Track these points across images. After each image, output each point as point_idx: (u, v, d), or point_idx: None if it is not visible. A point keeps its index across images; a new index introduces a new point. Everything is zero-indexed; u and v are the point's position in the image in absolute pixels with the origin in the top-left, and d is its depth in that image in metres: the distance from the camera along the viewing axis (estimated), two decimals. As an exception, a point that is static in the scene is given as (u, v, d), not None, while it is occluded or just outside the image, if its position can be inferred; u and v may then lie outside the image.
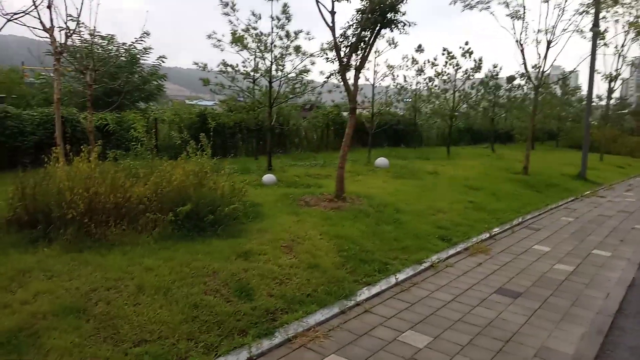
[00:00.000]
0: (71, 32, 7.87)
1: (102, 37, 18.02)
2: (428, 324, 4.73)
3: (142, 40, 20.39)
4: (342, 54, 8.33)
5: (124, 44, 20.35)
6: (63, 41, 7.98)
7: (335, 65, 8.51)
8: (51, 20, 7.15)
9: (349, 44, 8.28)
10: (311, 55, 12.83)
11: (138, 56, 20.23)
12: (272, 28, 12.31)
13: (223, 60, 13.20)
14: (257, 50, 13.07)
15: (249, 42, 12.73)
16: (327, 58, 9.02)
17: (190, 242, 5.93)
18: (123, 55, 19.98)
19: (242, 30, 12.24)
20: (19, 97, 19.55)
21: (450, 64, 19.88)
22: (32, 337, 3.57)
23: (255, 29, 12.34)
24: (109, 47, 19.51)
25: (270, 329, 4.24)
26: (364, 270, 5.84)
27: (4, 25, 5.44)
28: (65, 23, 7.80)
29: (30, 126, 12.11)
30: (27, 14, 6.55)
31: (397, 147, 22.04)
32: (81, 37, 12.60)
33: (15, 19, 5.76)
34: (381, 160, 15.02)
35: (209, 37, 12.50)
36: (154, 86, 20.98)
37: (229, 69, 13.45)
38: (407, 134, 23.45)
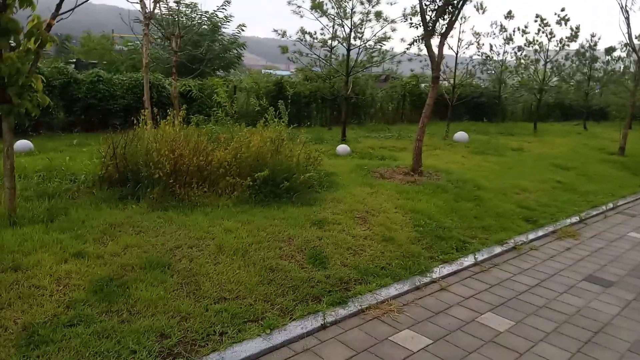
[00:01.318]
0: (159, -2, 8.11)
1: (186, 5, 18.53)
2: (509, 307, 4.48)
3: (223, 9, 20.78)
4: (427, 18, 7.90)
5: (206, 12, 20.85)
6: (151, 7, 8.26)
7: (418, 32, 8.15)
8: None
9: (436, 7, 7.82)
10: (392, 21, 12.35)
11: (219, 24, 20.69)
12: (353, -7, 11.95)
13: (301, 27, 13.09)
14: (336, 17, 12.83)
15: (328, 8, 12.50)
16: (411, 24, 8.64)
17: (266, 207, 6.03)
18: (205, 23, 20.53)
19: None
20: (109, 63, 20.84)
21: (543, 32, 18.38)
22: (121, 287, 3.79)
23: (336, -7, 12.05)
24: (192, 15, 20.08)
25: (344, 298, 4.21)
26: (440, 247, 5.63)
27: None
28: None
29: (120, 90, 12.82)
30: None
31: (478, 122, 20.97)
32: (167, 4, 13.00)
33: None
34: (460, 135, 14.39)
35: (289, 3, 12.39)
36: (234, 55, 21.43)
37: (307, 37, 13.34)
38: (489, 107, 22.21)
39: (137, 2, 7.52)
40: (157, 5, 8.29)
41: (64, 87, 11.80)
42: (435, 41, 8.19)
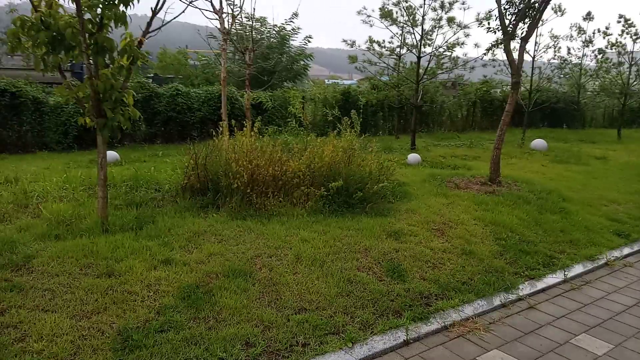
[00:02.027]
0: (236, 14, 8.41)
1: (256, 20, 19.14)
2: (606, 329, 4.12)
3: (290, 22, 21.26)
4: (506, 22, 7.58)
5: (274, 25, 21.42)
6: (228, 24, 8.56)
7: (494, 36, 7.83)
8: (220, 3, 7.71)
9: (516, 10, 7.49)
10: (466, 26, 12.02)
11: (287, 37, 21.16)
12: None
13: (370, 36, 13.08)
14: (406, 24, 12.69)
15: (398, 16, 12.40)
16: (489, 28, 8.31)
17: (340, 217, 6.01)
18: (274, 36, 21.08)
19: (393, 3, 11.92)
20: (184, 77, 21.88)
21: (627, 33, 17.12)
22: (207, 294, 3.90)
23: (406, 1, 11.92)
24: (262, 29, 20.71)
25: (425, 313, 4.06)
26: (525, 262, 5.32)
27: (184, 10, 6.00)
28: (230, 7, 8.37)
29: (197, 103, 13.43)
30: (201, -2, 7.13)
31: (556, 128, 19.88)
32: (241, 20, 13.49)
33: (192, 1, 6.29)
34: (538, 142, 13.67)
35: (359, 12, 12.42)
36: (301, 66, 21.80)
37: (375, 46, 13.30)
38: (567, 113, 20.99)
39: (215, 19, 7.83)
40: (234, 21, 8.58)
41: (146, 101, 12.55)
42: (514, 45, 7.84)
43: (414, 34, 12.61)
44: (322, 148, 6.81)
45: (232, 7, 9.49)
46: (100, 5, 4.64)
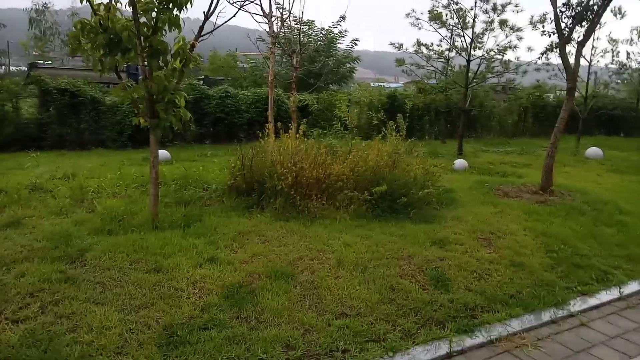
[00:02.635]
0: (285, 18, 8.51)
1: (304, 23, 19.30)
2: (668, 354, 3.85)
3: (338, 25, 21.29)
4: (562, 25, 7.27)
5: (322, 28, 21.53)
6: (277, 27, 8.68)
7: (549, 40, 7.52)
8: (270, 7, 7.82)
9: (573, 13, 7.17)
10: (518, 29, 11.63)
11: (334, 40, 21.21)
12: (476, 2, 11.49)
13: (418, 39, 12.90)
14: (456, 27, 12.43)
15: (448, 19, 12.17)
16: (543, 31, 8.00)
17: (383, 222, 5.94)
18: (321, 40, 21.19)
19: (443, 6, 11.71)
20: (233, 80, 22.36)
21: (697, 36, 16.05)
22: (249, 294, 3.94)
23: (456, 3, 11.68)
24: (309, 32, 20.85)
25: (470, 326, 3.93)
26: (578, 277, 5.05)
27: (235, 14, 6.12)
28: (280, 10, 8.48)
29: (245, 105, 13.69)
30: (252, 2, 7.28)
31: (613, 136, 18.87)
32: (289, 24, 13.64)
33: (243, 5, 6.43)
34: (593, 150, 13.03)
35: (407, 15, 12.28)
36: (347, 69, 21.80)
37: (423, 49, 13.10)
38: (625, 121, 19.90)
39: (264, 23, 7.96)
40: (282, 25, 8.68)
41: (196, 102, 12.91)
42: (570, 49, 7.51)
43: (463, 36, 12.34)
44: (367, 152, 6.77)
45: (281, 10, 9.62)
46: (155, 9, 4.81)
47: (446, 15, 12.16)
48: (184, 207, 6.02)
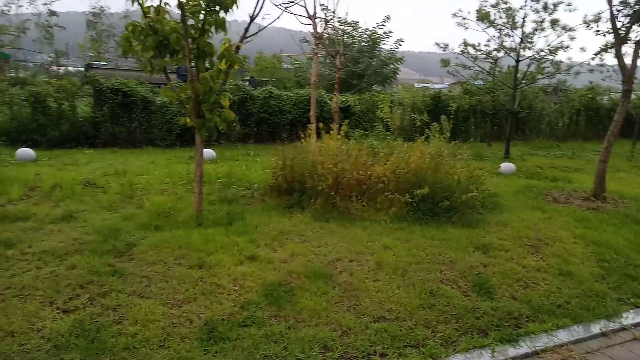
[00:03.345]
0: (329, 19, 8.53)
1: (349, 24, 19.27)
2: None
3: (382, 25, 21.13)
4: (618, 24, 6.90)
5: (366, 29, 21.43)
6: (321, 28, 8.70)
7: (604, 40, 7.15)
8: (314, 8, 7.85)
9: (630, 12, 6.79)
10: (570, 29, 11.14)
11: (378, 41, 21.06)
12: (525, 1, 11.10)
13: (464, 39, 12.60)
14: (504, 27, 12.05)
15: (496, 19, 11.82)
16: (598, 31, 7.63)
17: (424, 225, 5.84)
18: (365, 40, 21.09)
19: (491, 5, 11.39)
20: (278, 81, 22.64)
21: None
22: (288, 293, 3.98)
23: (505, 2, 11.32)
24: (353, 33, 20.81)
25: (514, 335, 3.80)
26: (631, 288, 4.78)
27: (279, 15, 6.18)
28: (324, 12, 8.51)
29: (288, 105, 13.82)
30: (296, 4, 7.35)
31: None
32: (333, 25, 13.66)
33: (288, 7, 6.48)
34: (651, 156, 12.28)
35: (454, 15, 12.03)
36: (390, 70, 21.59)
37: (470, 49, 12.79)
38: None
39: (309, 24, 8.00)
40: (326, 26, 8.70)
41: (241, 102, 13.16)
42: (626, 50, 7.12)
43: (512, 36, 11.94)
44: (409, 153, 6.67)
45: (325, 12, 9.64)
46: (203, 12, 4.93)
47: (494, 14, 11.82)
48: (227, 205, 6.15)
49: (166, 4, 5.02)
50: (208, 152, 10.05)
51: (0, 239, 4.63)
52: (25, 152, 9.42)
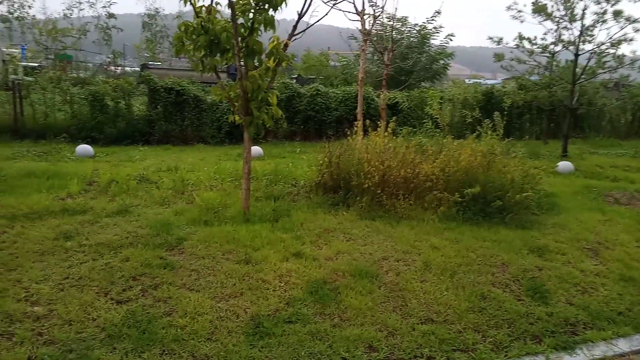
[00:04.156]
0: (377, 15, 8.42)
1: (397, 20, 18.99)
2: None
3: (432, 20, 20.67)
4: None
5: (415, 24, 21.03)
6: (369, 25, 8.61)
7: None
8: (363, 4, 7.78)
9: None
10: (635, 20, 10.45)
11: (428, 36, 20.64)
12: (586, -9, 10.51)
13: (519, 33, 12.10)
14: (562, 19, 11.48)
15: (553, 11, 11.27)
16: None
17: (475, 226, 5.66)
18: (414, 36, 20.72)
19: (548, -3, 10.87)
20: (325, 78, 22.66)
21: None
22: (333, 291, 3.95)
23: (564, -6, 10.78)
24: (402, 29, 20.49)
25: (570, 342, 3.60)
26: (703, 298, 4.42)
27: (327, 12, 6.16)
28: (373, 8, 8.41)
29: (334, 103, 13.81)
30: (345, 0, 7.31)
31: None
32: (381, 21, 13.49)
33: (336, 3, 6.45)
34: None
35: (509, 8, 11.58)
36: (440, 65, 21.11)
37: (525, 43, 12.27)
38: None
39: (357, 20, 7.94)
40: (374, 22, 8.60)
41: (288, 100, 13.27)
42: None
43: (571, 29, 11.35)
44: (459, 151, 6.48)
45: (374, 8, 9.54)
46: (252, 10, 4.99)
47: (552, 6, 11.28)
48: (274, 201, 6.21)
49: (217, 3, 5.12)
50: (255, 150, 10.20)
51: (60, 231, 4.89)
52: (84, 148, 9.92)
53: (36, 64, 22.87)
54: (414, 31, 20.46)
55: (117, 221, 5.34)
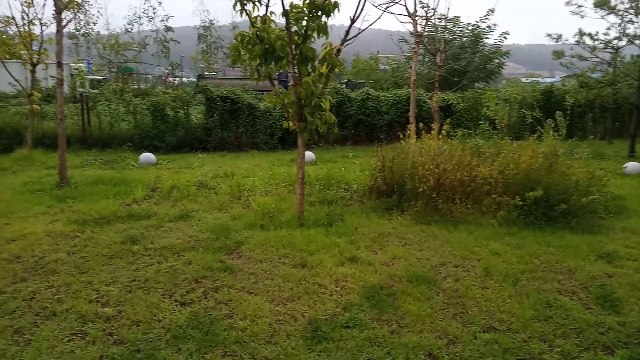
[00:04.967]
0: (430, 17, 8.30)
1: (449, 20, 18.64)
2: None
3: (486, 19, 20.11)
4: None
5: (468, 24, 20.54)
6: (421, 27, 8.51)
7: None
8: (415, 6, 7.70)
9: None
10: None
11: (481, 35, 20.10)
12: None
13: (579, 29, 11.54)
14: (627, 13, 10.83)
15: (617, 4, 10.66)
16: None
17: (537, 231, 5.44)
18: (466, 36, 20.23)
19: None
20: (374, 82, 22.58)
21: None
22: (390, 297, 3.91)
23: (630, -15, 10.17)
24: (454, 29, 20.07)
25: (646, 355, 3.37)
26: None
27: (380, 16, 6.14)
28: (424, 9, 8.30)
29: (385, 106, 13.72)
30: (397, 3, 7.26)
31: None
32: (433, 22, 13.27)
33: (388, 7, 6.43)
34: None
35: (567, 3, 11.07)
36: (495, 65, 20.49)
37: (586, 39, 11.68)
38: None
39: (408, 23, 7.86)
40: (427, 24, 8.48)
41: (339, 105, 13.33)
42: None
43: (637, 22, 10.69)
44: (519, 153, 6.25)
45: (425, 9, 9.40)
46: (306, 18, 5.06)
47: (615, 0, 10.67)
48: (327, 206, 6.25)
49: (272, 13, 5.23)
50: (308, 155, 10.30)
51: (127, 236, 5.15)
52: (147, 156, 10.41)
53: (101, 77, 24.29)
54: (467, 31, 20.00)
55: (179, 226, 5.56)
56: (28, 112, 10.77)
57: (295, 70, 5.26)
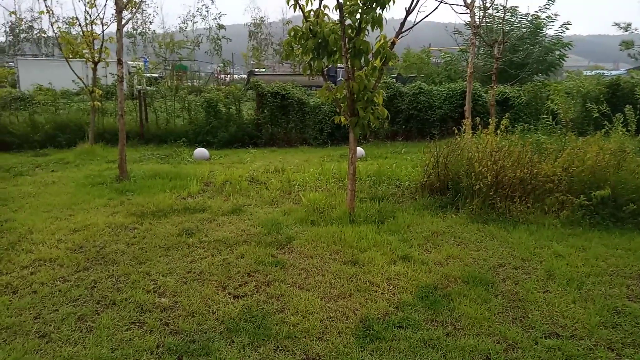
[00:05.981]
0: (487, 7, 7.97)
1: (507, 10, 17.90)
2: None
3: (546, 8, 19.16)
4: None
5: (526, 14, 19.67)
6: (478, 18, 8.18)
7: None
8: (471, -4, 7.41)
9: None
10: None
11: (541, 25, 19.18)
12: None
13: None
14: None
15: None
16: None
17: (604, 232, 5.11)
18: (525, 26, 19.37)
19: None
20: (426, 76, 22.09)
21: None
22: (445, 298, 3.78)
23: None
24: (511, 20, 19.27)
25: None
26: None
27: (437, 7, 5.95)
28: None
29: (438, 101, 13.37)
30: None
31: None
32: (491, 12, 12.77)
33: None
34: None
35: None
36: (556, 57, 19.50)
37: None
38: None
39: (464, 13, 7.58)
40: (484, 15, 8.15)
41: (390, 100, 13.12)
42: None
43: None
44: (584, 149, 5.89)
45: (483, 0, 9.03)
46: (360, 11, 4.97)
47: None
48: (378, 203, 6.14)
49: (325, 6, 5.18)
50: (358, 151, 10.20)
51: (183, 228, 5.28)
52: (201, 152, 10.68)
53: (157, 75, 25.21)
54: (525, 21, 19.15)
55: (232, 219, 5.65)
56: (90, 108, 11.30)
57: (348, 64, 5.18)
